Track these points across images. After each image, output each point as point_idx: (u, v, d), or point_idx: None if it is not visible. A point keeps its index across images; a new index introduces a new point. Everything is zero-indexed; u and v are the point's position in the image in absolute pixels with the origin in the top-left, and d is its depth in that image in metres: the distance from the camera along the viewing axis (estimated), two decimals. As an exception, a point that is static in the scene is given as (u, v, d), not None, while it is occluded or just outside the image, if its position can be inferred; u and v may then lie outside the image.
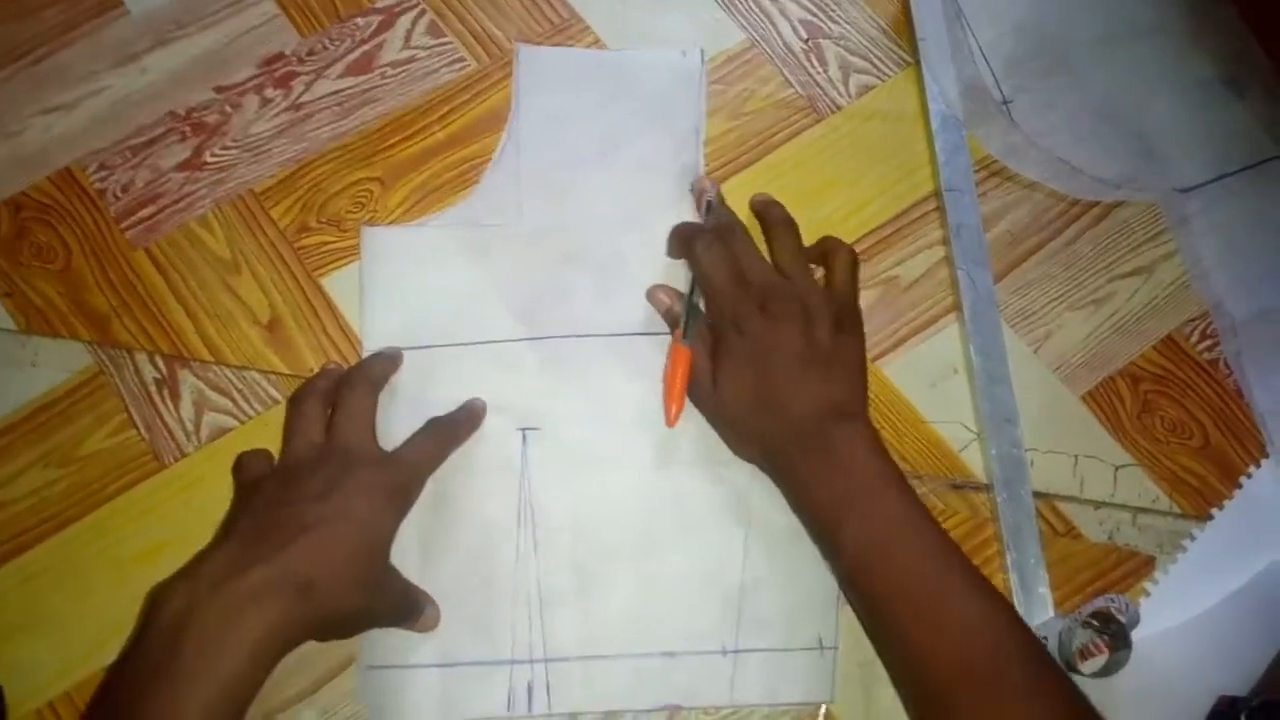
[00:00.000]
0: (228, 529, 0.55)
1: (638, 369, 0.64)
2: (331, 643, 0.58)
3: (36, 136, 0.70)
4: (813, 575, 0.60)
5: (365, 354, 0.64)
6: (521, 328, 0.65)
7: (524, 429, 0.63)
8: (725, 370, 0.59)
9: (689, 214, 0.68)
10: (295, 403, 0.60)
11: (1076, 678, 0.58)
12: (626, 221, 0.68)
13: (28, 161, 0.69)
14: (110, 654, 0.58)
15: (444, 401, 0.62)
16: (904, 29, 0.75)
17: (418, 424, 0.61)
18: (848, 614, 0.58)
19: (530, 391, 0.64)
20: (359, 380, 0.61)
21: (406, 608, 0.57)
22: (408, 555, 0.58)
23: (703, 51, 0.73)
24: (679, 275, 0.66)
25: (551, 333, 0.65)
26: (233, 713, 0.47)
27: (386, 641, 0.58)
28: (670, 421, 0.60)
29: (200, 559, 0.50)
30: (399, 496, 0.56)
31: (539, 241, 0.67)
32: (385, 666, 0.58)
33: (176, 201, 0.68)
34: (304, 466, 0.56)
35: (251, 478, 0.58)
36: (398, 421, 0.61)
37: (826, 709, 0.59)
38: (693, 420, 0.62)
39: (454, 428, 0.61)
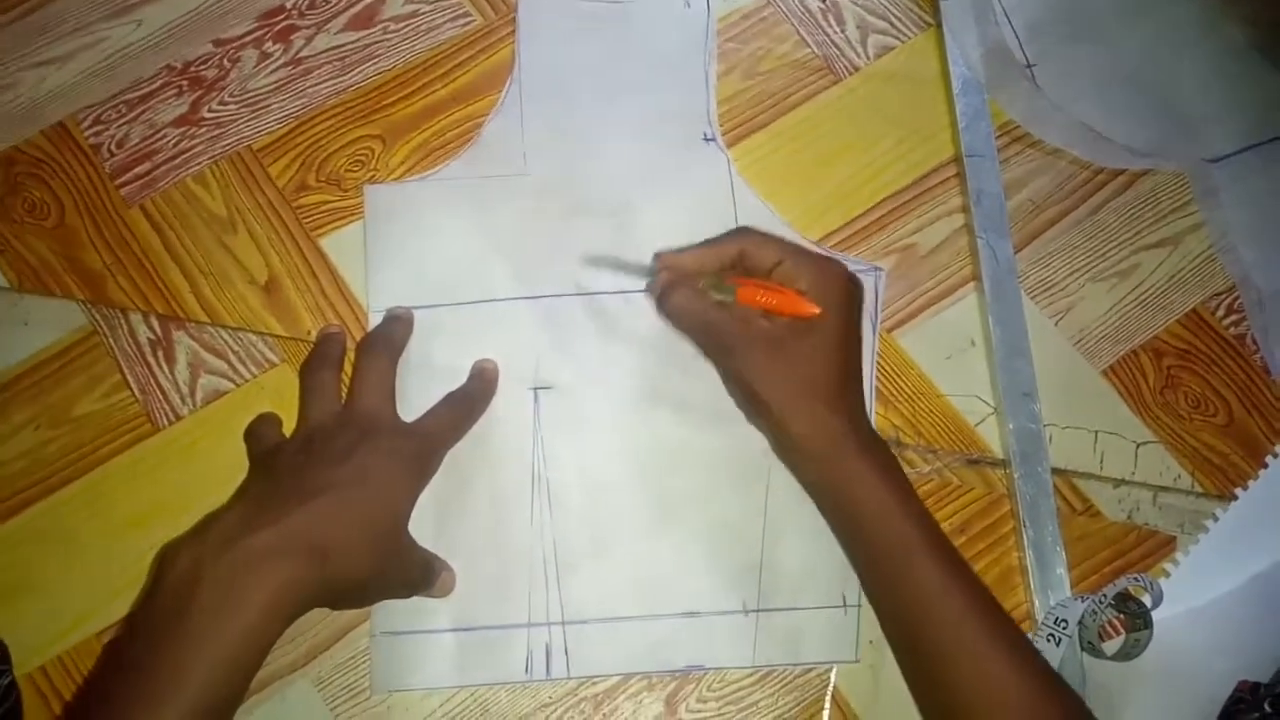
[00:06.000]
0: (242, 491, 0.55)
1: (650, 325, 0.63)
2: (325, 613, 0.57)
3: (29, 90, 0.68)
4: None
5: (371, 314, 0.63)
6: (529, 285, 0.63)
7: (536, 389, 0.61)
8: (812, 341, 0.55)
9: (697, 166, 0.67)
10: (310, 371, 0.59)
11: (1098, 660, 0.57)
12: (634, 173, 0.66)
13: (20, 115, 0.68)
14: (103, 619, 0.58)
15: (451, 362, 0.61)
16: (925, -12, 0.73)
17: (424, 385, 0.60)
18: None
19: (541, 350, 0.62)
20: (380, 346, 0.59)
21: (422, 577, 0.56)
22: (423, 519, 0.57)
23: (709, 2, 0.71)
24: (691, 229, 0.64)
25: (561, 289, 0.63)
26: (240, 673, 0.46)
27: (400, 607, 0.57)
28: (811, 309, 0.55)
29: (212, 518, 0.49)
30: (418, 466, 0.55)
31: (545, 193, 0.66)
32: (400, 632, 0.57)
33: (173, 158, 0.66)
34: (323, 432, 0.55)
35: (267, 445, 0.57)
36: (404, 383, 0.60)
37: (836, 676, 0.58)
38: (707, 377, 0.61)
39: (470, 401, 0.60)
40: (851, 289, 0.57)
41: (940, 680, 0.50)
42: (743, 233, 0.58)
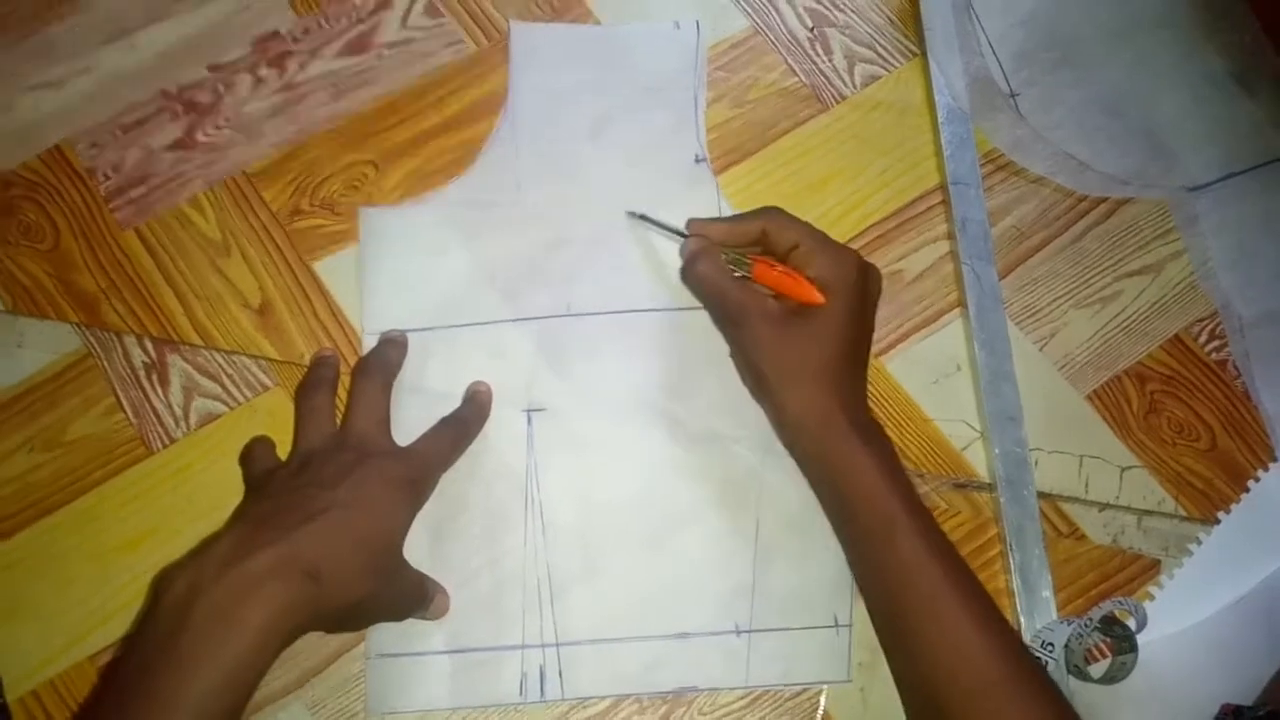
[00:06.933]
0: (239, 514, 0.55)
1: (642, 346, 0.64)
2: (319, 636, 0.57)
3: (25, 113, 0.68)
4: (826, 553, 0.59)
5: (365, 336, 0.63)
6: (521, 308, 0.64)
7: (529, 410, 0.62)
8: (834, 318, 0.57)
9: (687, 189, 0.68)
10: (305, 395, 0.60)
11: (1084, 683, 0.57)
12: (625, 198, 0.67)
13: (16, 138, 0.68)
14: (95, 642, 0.58)
15: (445, 386, 0.62)
16: (910, 19, 0.74)
17: (418, 408, 0.60)
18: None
19: (533, 372, 0.63)
20: (375, 370, 0.60)
21: (417, 599, 0.56)
22: (418, 542, 0.57)
23: (698, 23, 0.72)
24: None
25: (553, 312, 0.64)
26: (237, 697, 0.46)
27: (395, 629, 0.57)
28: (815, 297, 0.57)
29: (209, 542, 0.49)
30: (413, 490, 0.55)
31: (538, 219, 0.66)
32: (394, 655, 0.57)
33: (167, 182, 0.67)
34: (319, 456, 0.55)
35: (263, 469, 0.58)
36: (398, 406, 0.60)
37: (826, 699, 0.58)
38: (699, 398, 0.62)
39: (464, 425, 0.60)
40: (861, 279, 0.58)
41: (915, 653, 0.52)
42: (770, 212, 0.60)
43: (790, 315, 0.58)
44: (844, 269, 0.58)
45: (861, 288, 0.58)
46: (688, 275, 0.61)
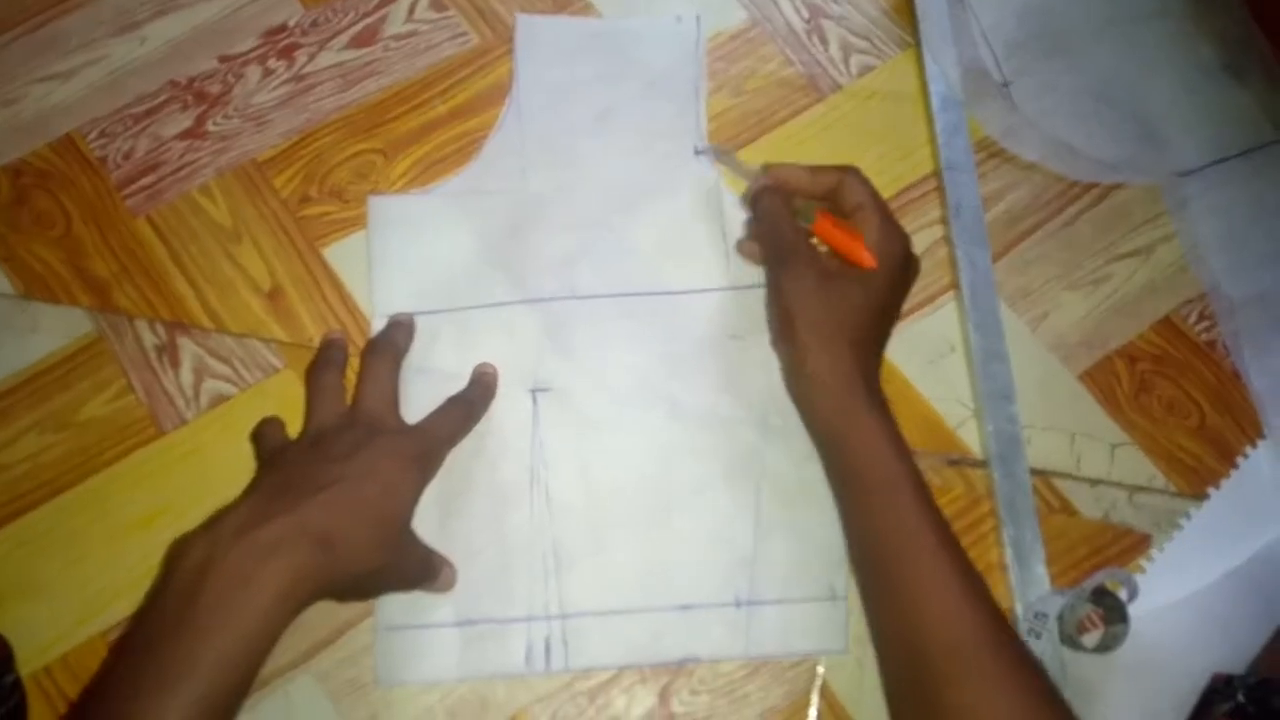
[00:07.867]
0: (252, 487, 0.56)
1: (645, 328, 0.65)
2: (326, 609, 0.58)
3: (35, 104, 0.70)
4: (823, 527, 0.60)
5: (374, 320, 0.65)
6: (527, 290, 0.65)
7: (535, 390, 0.63)
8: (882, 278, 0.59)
9: (689, 178, 0.69)
10: (315, 375, 0.61)
11: (1076, 652, 0.58)
12: (628, 187, 0.68)
13: (26, 128, 0.69)
14: (106, 619, 0.59)
15: (452, 367, 0.63)
16: (905, 10, 0.75)
17: (426, 388, 0.61)
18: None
19: (539, 353, 0.64)
20: (384, 350, 0.61)
21: (425, 572, 0.57)
22: (426, 517, 0.58)
23: (698, 18, 0.74)
24: (682, 237, 0.67)
25: (558, 294, 0.65)
26: (249, 664, 0.47)
27: (404, 602, 0.58)
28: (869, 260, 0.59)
29: (223, 512, 0.50)
30: (421, 465, 0.56)
31: (542, 206, 0.68)
32: (403, 627, 0.59)
33: (178, 170, 0.68)
34: (329, 432, 0.57)
35: (275, 445, 0.59)
36: (406, 386, 0.62)
37: (824, 669, 0.59)
38: (700, 378, 0.64)
39: (470, 404, 0.61)
40: (907, 262, 0.60)
41: (904, 608, 0.53)
42: (848, 170, 0.61)
43: (836, 273, 0.59)
44: (895, 245, 0.59)
45: (903, 268, 0.60)
46: (753, 205, 0.63)
